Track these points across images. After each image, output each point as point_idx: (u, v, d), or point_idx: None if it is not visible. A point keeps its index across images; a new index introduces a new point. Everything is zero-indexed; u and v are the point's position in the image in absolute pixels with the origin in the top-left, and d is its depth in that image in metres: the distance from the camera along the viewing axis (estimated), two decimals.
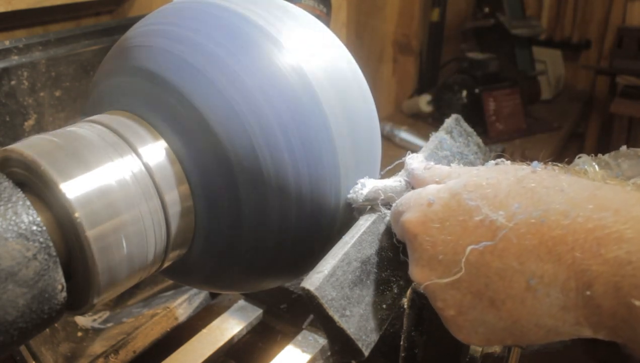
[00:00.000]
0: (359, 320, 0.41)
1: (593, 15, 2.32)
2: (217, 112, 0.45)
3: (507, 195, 0.35)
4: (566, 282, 0.31)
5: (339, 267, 0.42)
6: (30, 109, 0.77)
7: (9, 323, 0.35)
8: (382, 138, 0.55)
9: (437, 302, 0.38)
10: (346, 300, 0.41)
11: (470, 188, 0.38)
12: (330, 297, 0.40)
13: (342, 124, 0.48)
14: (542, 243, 0.32)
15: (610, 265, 0.29)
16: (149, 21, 0.51)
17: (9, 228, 0.35)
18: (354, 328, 0.41)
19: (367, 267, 0.44)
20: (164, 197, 0.45)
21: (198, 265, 0.51)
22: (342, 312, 0.41)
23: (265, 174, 0.45)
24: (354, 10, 1.65)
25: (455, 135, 0.57)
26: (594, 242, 0.30)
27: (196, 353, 0.67)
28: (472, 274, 0.35)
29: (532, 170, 0.37)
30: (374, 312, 0.43)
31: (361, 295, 0.43)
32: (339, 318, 0.40)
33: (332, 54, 0.50)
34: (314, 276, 0.41)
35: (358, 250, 0.44)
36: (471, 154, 0.57)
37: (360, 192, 0.48)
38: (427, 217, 0.39)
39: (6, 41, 0.74)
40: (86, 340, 0.72)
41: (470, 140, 0.58)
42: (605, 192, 0.33)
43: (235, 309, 0.75)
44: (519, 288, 0.33)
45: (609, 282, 0.29)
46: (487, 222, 0.35)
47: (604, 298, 0.30)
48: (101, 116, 0.48)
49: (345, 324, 0.40)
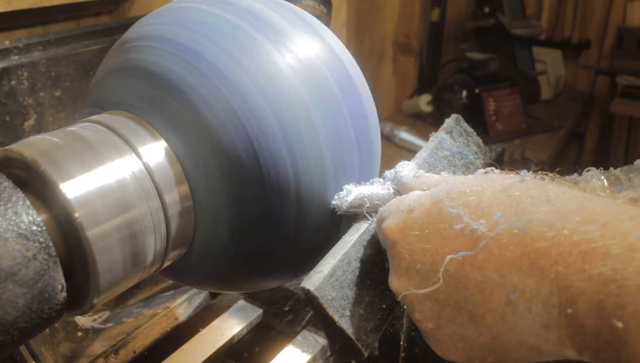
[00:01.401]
0: (359, 320, 0.42)
1: (593, 15, 2.32)
2: (217, 112, 0.45)
3: (490, 204, 0.34)
4: (549, 298, 0.29)
5: (338, 267, 0.42)
6: (30, 109, 0.77)
7: (9, 323, 0.35)
8: (382, 138, 0.55)
9: (415, 314, 0.37)
10: (346, 300, 0.41)
11: (453, 195, 0.36)
12: (330, 297, 0.41)
13: (342, 124, 0.48)
14: (525, 255, 0.31)
15: (594, 282, 0.28)
16: (149, 21, 0.51)
17: (9, 228, 0.35)
18: (354, 328, 0.41)
19: (367, 267, 0.44)
20: (163, 197, 0.45)
21: (198, 265, 0.51)
22: (342, 312, 0.41)
23: (265, 174, 0.45)
24: (354, 10, 1.65)
25: (455, 135, 0.57)
26: (578, 257, 0.28)
27: (196, 353, 0.67)
28: (450, 286, 0.34)
29: (519, 179, 0.35)
30: (374, 312, 0.43)
31: (361, 295, 0.43)
32: (339, 318, 0.40)
33: (332, 54, 0.50)
34: (314, 276, 0.41)
35: (358, 250, 0.44)
36: (471, 154, 0.57)
37: (345, 199, 0.48)
38: (407, 224, 0.38)
39: (6, 41, 0.74)
40: (86, 340, 0.72)
41: (470, 140, 0.58)
42: (595, 204, 0.31)
43: (235, 309, 0.75)
44: (499, 302, 0.32)
45: (592, 300, 0.28)
46: (467, 231, 0.34)
47: (586, 317, 0.28)
48: (101, 116, 0.48)
49: (345, 324, 0.40)
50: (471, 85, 1.80)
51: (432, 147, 0.54)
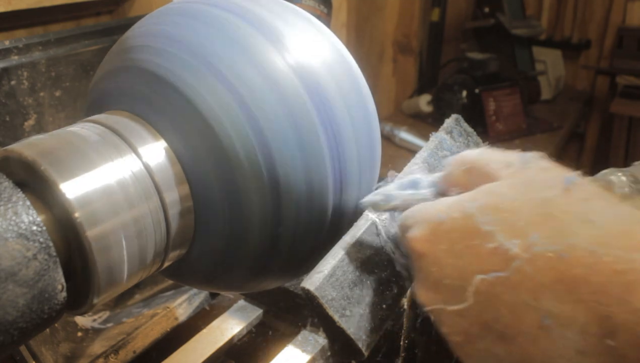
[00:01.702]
0: (359, 320, 0.41)
1: (593, 15, 2.32)
2: (218, 112, 0.45)
3: (527, 223, 0.32)
4: (586, 326, 0.28)
5: (339, 267, 0.42)
6: (30, 109, 0.77)
7: (9, 323, 0.35)
8: (382, 138, 0.55)
9: (443, 327, 0.36)
10: (346, 300, 0.41)
11: (486, 210, 0.34)
12: (330, 297, 0.40)
13: (342, 124, 0.48)
14: (561, 280, 0.29)
15: (638, 315, 0.26)
16: (149, 21, 0.51)
17: (9, 228, 0.35)
18: (354, 328, 0.41)
19: (368, 266, 0.44)
20: (163, 197, 0.45)
21: (198, 265, 0.51)
22: (342, 312, 0.41)
23: (265, 174, 0.45)
24: (354, 11, 1.65)
25: (455, 135, 0.57)
26: (621, 287, 0.27)
27: (196, 353, 0.67)
28: (480, 304, 0.33)
29: (563, 188, 0.33)
30: (374, 312, 0.43)
31: (361, 295, 0.43)
32: (339, 318, 0.40)
33: (332, 54, 0.50)
34: (314, 276, 0.41)
35: (358, 250, 0.44)
36: None
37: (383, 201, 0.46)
38: (436, 236, 0.36)
39: (6, 41, 0.74)
40: (86, 340, 0.72)
41: (470, 140, 0.58)
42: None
43: (235, 309, 0.75)
44: (532, 325, 0.30)
45: (636, 333, 0.26)
46: (500, 251, 0.32)
47: (630, 349, 0.27)
48: (101, 116, 0.48)
49: (345, 324, 0.40)
50: (471, 85, 1.80)
51: (432, 147, 0.54)
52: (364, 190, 0.52)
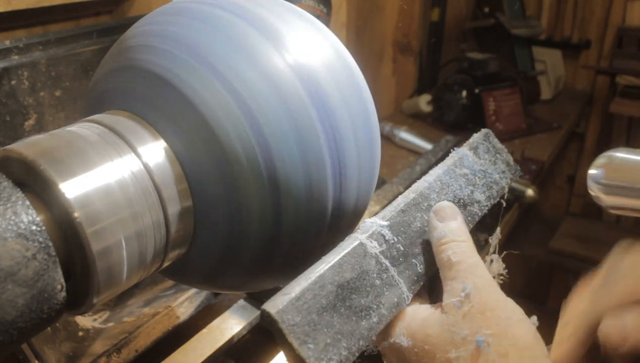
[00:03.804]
0: (323, 348, 0.38)
1: (593, 15, 2.32)
2: (217, 112, 0.45)
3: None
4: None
5: (309, 290, 0.39)
6: (30, 109, 0.77)
7: (9, 323, 0.35)
8: (382, 138, 0.55)
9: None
10: (311, 327, 0.38)
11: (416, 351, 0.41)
12: (292, 322, 0.37)
13: (342, 124, 0.48)
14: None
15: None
16: (149, 21, 0.51)
17: (8, 228, 0.35)
18: (314, 359, 0.37)
19: (344, 292, 0.41)
20: (163, 196, 0.45)
21: (197, 265, 0.51)
22: (303, 339, 0.37)
23: (265, 174, 0.45)
24: (354, 11, 1.65)
25: (481, 152, 0.54)
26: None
27: (196, 353, 0.67)
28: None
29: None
30: (345, 342, 0.39)
31: (331, 322, 0.39)
32: (299, 345, 0.37)
33: (331, 53, 0.50)
34: (279, 298, 0.38)
35: (337, 273, 0.41)
36: (496, 173, 0.54)
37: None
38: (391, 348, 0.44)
39: (6, 41, 0.74)
40: (87, 339, 0.72)
41: (498, 157, 0.55)
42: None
43: (235, 309, 0.75)
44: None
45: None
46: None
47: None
48: (101, 116, 0.48)
49: (304, 352, 0.37)
50: (471, 85, 1.80)
51: (450, 164, 0.52)
52: (363, 190, 0.52)
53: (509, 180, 0.55)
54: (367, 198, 0.54)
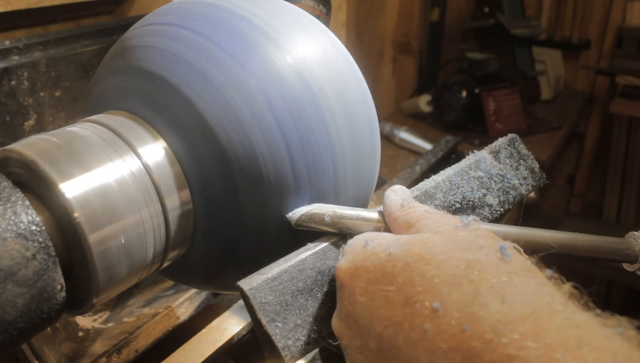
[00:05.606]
0: (292, 328, 0.39)
1: (593, 15, 2.32)
2: (217, 113, 0.45)
3: (444, 283, 0.32)
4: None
5: (287, 272, 0.41)
6: (30, 109, 0.78)
7: (8, 323, 0.35)
8: (382, 138, 0.55)
9: (348, 359, 0.37)
10: (282, 307, 0.39)
11: (410, 258, 0.34)
12: (263, 300, 0.39)
13: (342, 124, 0.48)
14: (458, 349, 0.29)
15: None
16: (149, 21, 0.51)
17: (8, 228, 0.35)
18: (281, 337, 0.39)
19: (324, 278, 0.42)
20: (163, 196, 0.45)
21: (197, 265, 0.51)
22: (272, 317, 0.39)
23: (265, 175, 0.45)
24: (354, 10, 1.65)
25: (502, 156, 0.53)
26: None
27: (196, 353, 0.67)
28: (381, 350, 0.33)
29: (494, 255, 0.33)
30: (316, 325, 0.40)
31: (304, 305, 0.40)
32: (267, 322, 0.39)
33: (331, 54, 0.50)
34: (254, 276, 0.40)
35: (319, 259, 0.42)
36: (516, 179, 0.52)
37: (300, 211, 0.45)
38: (357, 271, 0.37)
39: (6, 41, 0.74)
40: (87, 340, 0.72)
41: (522, 163, 0.54)
42: (552, 319, 0.28)
43: (235, 309, 0.75)
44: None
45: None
46: (410, 304, 0.32)
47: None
48: (101, 116, 0.48)
49: (272, 330, 0.39)
50: (471, 85, 1.80)
51: (464, 166, 0.51)
52: (363, 191, 0.52)
53: (531, 187, 0.53)
54: (367, 198, 0.54)
